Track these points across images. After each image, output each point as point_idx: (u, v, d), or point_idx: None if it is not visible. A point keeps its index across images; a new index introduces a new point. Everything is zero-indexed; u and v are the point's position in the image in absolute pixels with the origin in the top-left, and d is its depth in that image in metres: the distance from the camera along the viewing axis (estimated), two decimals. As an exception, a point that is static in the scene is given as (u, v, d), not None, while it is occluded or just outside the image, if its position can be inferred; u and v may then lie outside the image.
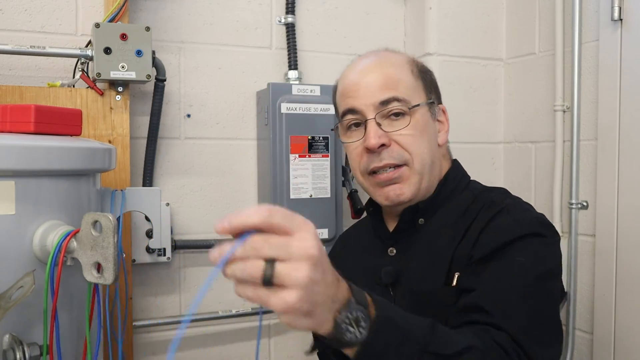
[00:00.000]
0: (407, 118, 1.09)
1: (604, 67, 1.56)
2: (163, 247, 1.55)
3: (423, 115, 1.11)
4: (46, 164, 0.91)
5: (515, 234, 0.99)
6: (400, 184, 1.10)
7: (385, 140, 1.08)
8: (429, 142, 1.12)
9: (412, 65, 1.14)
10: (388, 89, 1.09)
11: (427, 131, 1.12)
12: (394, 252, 1.15)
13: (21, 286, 0.84)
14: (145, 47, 1.40)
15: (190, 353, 1.66)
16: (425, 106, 1.12)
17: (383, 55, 1.17)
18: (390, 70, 1.12)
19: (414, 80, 1.13)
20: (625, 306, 1.52)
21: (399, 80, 1.11)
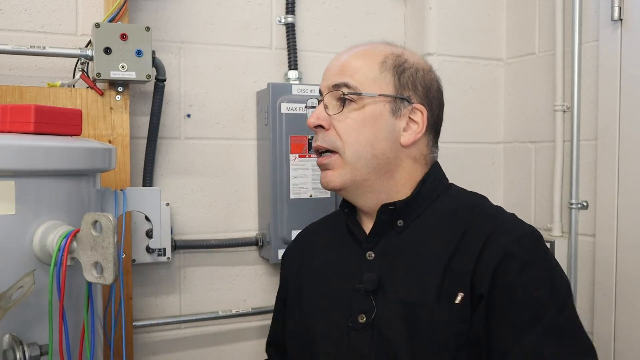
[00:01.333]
0: (352, 106, 1.08)
1: (604, 67, 1.56)
2: (163, 247, 1.55)
3: (377, 108, 1.07)
4: (46, 164, 0.91)
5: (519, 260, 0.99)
6: (330, 170, 1.10)
7: (324, 122, 1.09)
8: (375, 136, 1.07)
9: (387, 59, 1.10)
10: (343, 75, 1.10)
11: (376, 125, 1.07)
12: (372, 256, 1.09)
13: (21, 286, 0.84)
14: (145, 47, 1.40)
15: (190, 353, 1.66)
16: (384, 99, 1.08)
17: (363, 46, 1.16)
18: (355, 58, 1.11)
19: (379, 72, 1.09)
20: (625, 306, 1.52)
21: (357, 68, 1.09)
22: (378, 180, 1.09)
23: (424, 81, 1.12)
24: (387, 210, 1.09)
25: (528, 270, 0.98)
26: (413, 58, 1.13)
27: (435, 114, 1.14)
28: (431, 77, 1.14)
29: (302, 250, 1.27)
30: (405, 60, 1.11)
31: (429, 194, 1.11)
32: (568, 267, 1.67)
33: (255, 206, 1.71)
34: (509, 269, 0.97)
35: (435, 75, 1.16)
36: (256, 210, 1.71)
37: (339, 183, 1.09)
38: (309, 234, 1.32)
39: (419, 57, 1.16)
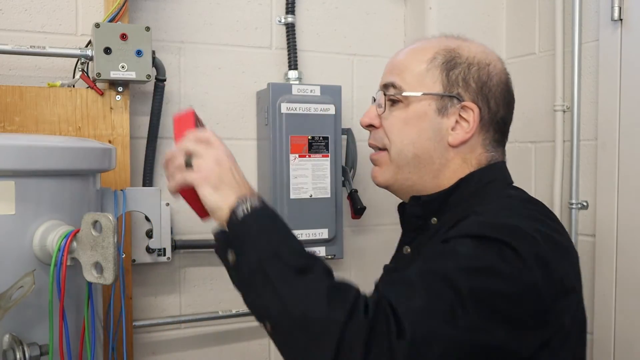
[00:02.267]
0: (399, 105, 1.07)
1: (604, 67, 1.56)
2: (163, 247, 1.55)
3: (421, 107, 1.05)
4: (46, 164, 0.91)
5: (462, 232, 0.89)
6: (378, 167, 1.10)
7: (375, 121, 1.09)
8: (418, 135, 1.05)
9: (437, 54, 1.06)
10: (392, 74, 1.09)
11: (420, 124, 1.05)
12: (408, 251, 1.10)
13: (21, 286, 0.84)
14: (145, 47, 1.40)
15: (190, 353, 1.66)
16: (429, 98, 1.04)
17: (419, 41, 1.13)
18: (405, 56, 1.10)
19: (427, 69, 1.05)
20: (625, 306, 1.52)
21: (405, 67, 1.08)
22: (420, 180, 1.07)
23: (478, 77, 1.05)
24: (416, 203, 1.08)
25: (463, 240, 0.87)
26: (469, 52, 1.06)
27: (494, 111, 1.06)
28: (489, 72, 1.05)
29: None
30: (457, 55, 1.05)
31: (470, 195, 1.04)
32: (568, 267, 1.67)
33: (255, 206, 1.71)
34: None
35: (497, 68, 1.07)
36: (256, 210, 1.71)
37: (382, 180, 1.10)
38: None
39: (477, 51, 1.07)
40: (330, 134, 1.63)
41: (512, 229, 0.88)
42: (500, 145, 1.09)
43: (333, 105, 1.63)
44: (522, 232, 0.88)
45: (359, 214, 1.70)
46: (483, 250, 0.85)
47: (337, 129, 1.65)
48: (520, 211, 0.97)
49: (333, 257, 1.67)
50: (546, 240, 0.89)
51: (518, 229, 0.88)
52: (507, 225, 0.89)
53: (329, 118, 1.62)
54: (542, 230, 0.91)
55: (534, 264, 0.84)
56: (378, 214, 1.85)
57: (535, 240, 0.87)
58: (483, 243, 0.85)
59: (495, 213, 0.95)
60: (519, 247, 0.84)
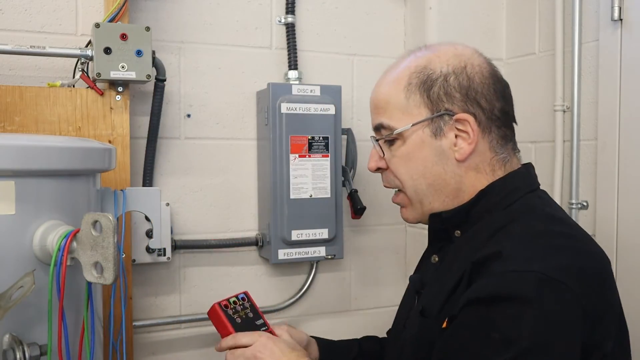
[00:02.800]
0: (397, 143, 1.04)
1: (604, 67, 1.56)
2: (163, 247, 1.55)
3: (416, 137, 1.02)
4: (46, 164, 0.91)
5: (487, 292, 0.85)
6: (404, 208, 1.10)
7: (382, 164, 1.08)
8: (423, 166, 1.02)
9: (411, 79, 1.02)
10: (378, 114, 1.07)
11: (422, 154, 1.02)
12: (436, 260, 1.08)
13: (21, 286, 0.84)
14: (145, 47, 1.40)
15: (190, 353, 1.66)
16: (420, 126, 1.01)
17: (391, 70, 1.08)
18: (384, 90, 1.06)
19: (406, 99, 1.02)
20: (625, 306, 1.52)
21: (387, 103, 1.05)
22: (443, 203, 1.04)
23: (459, 85, 1.01)
24: (435, 220, 1.06)
25: (492, 305, 0.85)
26: (440, 63, 1.02)
27: (490, 109, 1.02)
28: (467, 75, 1.02)
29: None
30: (431, 72, 1.02)
31: (492, 206, 1.01)
32: (568, 267, 1.67)
33: (255, 206, 1.71)
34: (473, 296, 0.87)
35: (474, 66, 1.03)
36: (256, 210, 1.71)
37: (413, 219, 1.10)
38: None
39: (448, 57, 1.03)
40: (330, 134, 1.63)
41: (541, 280, 0.84)
42: (509, 141, 1.05)
43: (333, 105, 1.63)
44: (552, 279, 0.84)
45: (359, 214, 1.70)
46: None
47: (337, 129, 1.65)
48: (544, 242, 0.92)
49: (333, 257, 1.67)
50: (573, 276, 0.86)
51: (549, 275, 0.84)
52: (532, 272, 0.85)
53: (329, 118, 1.62)
54: (569, 265, 0.87)
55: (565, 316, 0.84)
56: (378, 214, 1.85)
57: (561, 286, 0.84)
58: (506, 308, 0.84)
59: (518, 255, 0.89)
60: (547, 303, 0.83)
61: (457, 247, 1.02)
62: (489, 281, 0.87)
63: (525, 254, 0.88)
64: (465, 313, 0.88)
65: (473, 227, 1.01)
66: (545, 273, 0.84)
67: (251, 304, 1.18)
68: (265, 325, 1.16)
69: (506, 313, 0.83)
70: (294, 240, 1.61)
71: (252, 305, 1.18)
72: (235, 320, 1.13)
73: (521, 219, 0.97)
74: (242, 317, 1.15)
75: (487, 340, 0.83)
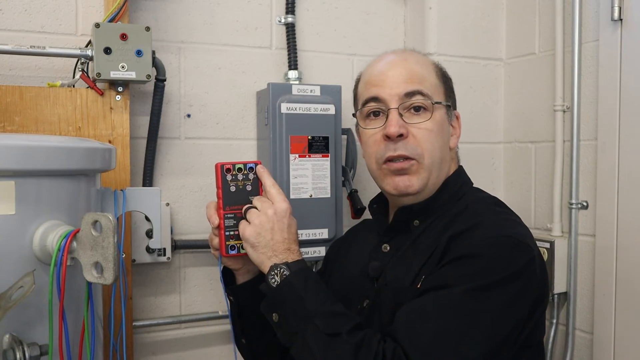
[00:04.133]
0: (428, 114, 1.15)
1: (604, 67, 1.56)
2: (163, 247, 1.55)
3: (442, 115, 1.17)
4: (46, 164, 0.91)
5: (466, 251, 1.01)
6: (410, 175, 1.14)
7: (404, 130, 1.13)
8: (442, 141, 1.17)
9: (436, 68, 1.21)
10: (414, 83, 1.15)
11: (443, 131, 1.17)
12: (387, 249, 1.18)
13: (21, 286, 0.84)
14: (145, 47, 1.40)
15: (190, 353, 1.66)
16: (444, 107, 1.18)
17: (410, 54, 1.24)
18: (417, 67, 1.18)
19: (437, 81, 1.19)
20: (625, 306, 1.52)
21: (424, 76, 1.17)
22: (434, 180, 1.17)
23: (452, 87, 1.25)
24: (403, 212, 1.17)
25: (464, 260, 1.01)
26: (443, 67, 1.26)
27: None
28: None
29: (344, 241, 1.41)
30: (443, 69, 1.24)
31: (449, 197, 1.17)
32: (568, 267, 1.67)
33: (255, 206, 1.71)
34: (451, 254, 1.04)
35: None
36: (256, 210, 1.71)
37: (417, 187, 1.15)
38: (357, 227, 1.43)
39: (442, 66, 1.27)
40: (330, 134, 1.63)
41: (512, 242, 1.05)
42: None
43: (333, 105, 1.63)
44: (520, 241, 1.05)
45: (359, 214, 1.70)
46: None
47: (337, 129, 1.65)
48: (505, 215, 1.14)
49: (333, 257, 1.67)
50: (532, 242, 1.08)
51: (517, 237, 1.06)
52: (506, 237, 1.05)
53: (329, 118, 1.62)
54: (527, 234, 1.09)
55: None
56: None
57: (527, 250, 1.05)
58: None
59: (493, 222, 1.09)
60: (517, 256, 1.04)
61: (416, 235, 1.14)
62: (471, 242, 1.02)
63: (497, 225, 1.07)
64: (447, 266, 1.02)
65: (432, 216, 1.14)
66: (516, 238, 1.04)
67: (255, 177, 1.15)
68: None
69: (483, 265, 0.99)
70: (294, 240, 1.61)
71: (255, 178, 1.15)
72: (229, 187, 1.12)
73: (478, 205, 1.14)
74: (238, 186, 1.12)
75: (463, 278, 0.98)
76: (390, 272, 1.13)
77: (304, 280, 1.03)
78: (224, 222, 1.15)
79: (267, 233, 1.07)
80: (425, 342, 0.93)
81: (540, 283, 1.05)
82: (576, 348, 1.67)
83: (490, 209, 1.14)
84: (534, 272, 1.03)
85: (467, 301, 0.96)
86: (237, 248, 1.14)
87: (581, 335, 1.66)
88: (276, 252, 1.07)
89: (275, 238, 1.08)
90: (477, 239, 1.03)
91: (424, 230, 1.14)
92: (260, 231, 1.08)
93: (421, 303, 0.98)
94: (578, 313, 1.67)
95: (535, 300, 1.04)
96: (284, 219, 1.09)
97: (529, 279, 1.02)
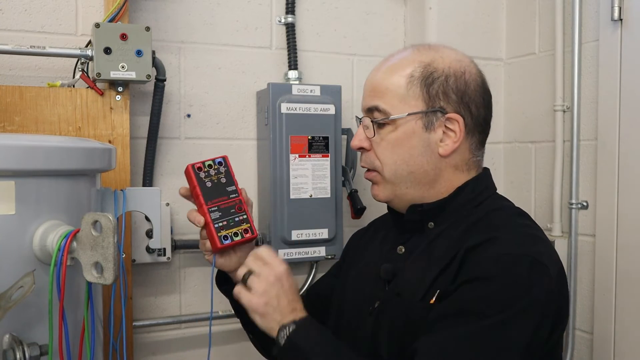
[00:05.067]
0: (390, 127, 1.10)
1: (604, 67, 1.56)
2: (163, 247, 1.55)
3: (409, 126, 1.09)
4: (46, 164, 0.91)
5: (480, 273, 0.97)
6: (376, 185, 1.16)
7: (365, 144, 1.14)
8: (409, 154, 1.09)
9: (414, 72, 1.09)
10: (373, 97, 1.12)
11: (410, 143, 1.09)
12: (402, 251, 1.14)
13: (21, 286, 0.84)
14: (145, 47, 1.40)
15: (190, 353, 1.66)
16: (415, 117, 1.08)
17: (392, 58, 1.15)
18: (384, 77, 1.12)
19: (407, 89, 1.09)
20: (625, 306, 1.52)
21: (386, 88, 1.11)
22: (418, 192, 1.12)
23: (457, 87, 1.09)
24: (415, 211, 1.13)
25: (479, 283, 0.96)
26: (443, 64, 1.10)
27: (476, 115, 1.12)
28: (466, 80, 1.10)
29: (366, 232, 1.36)
30: (434, 70, 1.09)
31: (467, 202, 1.11)
32: (568, 267, 1.67)
33: (255, 206, 1.71)
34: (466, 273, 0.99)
35: (472, 74, 1.12)
36: (256, 210, 1.71)
37: (383, 197, 1.15)
38: (379, 220, 1.38)
39: (451, 60, 1.11)
40: (330, 134, 1.63)
41: (523, 258, 0.99)
42: (483, 145, 1.17)
43: (333, 105, 1.63)
44: (539, 259, 0.99)
45: (359, 214, 1.70)
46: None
47: (337, 129, 1.65)
48: (524, 229, 1.07)
49: (333, 257, 1.67)
50: (551, 262, 1.02)
51: (537, 255, 1.00)
52: (521, 254, 0.99)
53: (329, 118, 1.62)
54: (547, 252, 1.03)
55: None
56: (378, 214, 1.84)
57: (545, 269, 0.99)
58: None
59: (510, 237, 1.03)
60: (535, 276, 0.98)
61: (431, 239, 1.10)
62: (487, 263, 0.97)
63: (514, 240, 1.01)
64: (464, 289, 0.97)
65: (447, 221, 1.10)
66: (534, 257, 0.98)
67: (227, 169, 1.17)
68: (237, 192, 1.17)
69: (500, 291, 0.95)
70: (294, 240, 1.61)
71: (227, 170, 1.17)
72: (205, 184, 1.15)
73: (496, 215, 1.09)
74: (213, 181, 1.15)
75: (481, 305, 0.95)
76: (402, 278, 1.10)
77: (306, 337, 1.05)
78: (210, 216, 1.15)
79: (274, 300, 1.07)
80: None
81: (560, 302, 1.01)
82: (576, 348, 1.67)
83: (510, 220, 1.09)
84: (553, 294, 0.98)
85: (487, 337, 0.93)
86: (230, 237, 1.15)
87: (581, 335, 1.66)
88: (284, 315, 1.07)
89: (281, 304, 1.08)
90: (492, 257, 0.98)
91: (439, 235, 1.10)
92: (267, 300, 1.07)
93: (439, 339, 0.95)
94: (578, 313, 1.67)
95: (555, 322, 1.00)
96: (285, 283, 1.09)
97: (548, 304, 0.97)
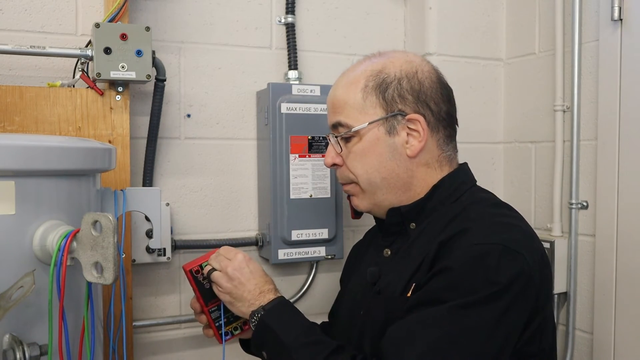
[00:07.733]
0: (353, 140, 1.15)
1: (604, 67, 1.56)
2: (163, 247, 1.55)
3: (372, 135, 1.13)
4: (46, 164, 0.91)
5: (450, 262, 0.98)
6: (355, 197, 1.20)
7: (337, 160, 1.18)
8: (378, 161, 1.13)
9: (368, 81, 1.13)
10: (335, 113, 1.17)
11: (376, 150, 1.13)
12: (388, 253, 1.18)
13: (21, 286, 0.84)
14: (145, 47, 1.40)
15: (190, 353, 1.66)
16: (376, 125, 1.12)
17: (347, 73, 1.20)
18: (341, 91, 1.17)
19: (363, 100, 1.13)
20: (625, 306, 1.52)
21: (345, 102, 1.15)
22: (396, 196, 1.15)
23: (411, 88, 1.13)
24: (394, 214, 1.16)
25: (448, 272, 0.98)
26: (394, 68, 1.14)
27: (437, 111, 1.14)
28: (419, 79, 1.14)
29: (362, 245, 1.40)
30: (386, 76, 1.13)
31: (444, 198, 1.14)
32: (568, 267, 1.67)
33: (255, 206, 1.71)
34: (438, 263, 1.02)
35: (424, 72, 1.15)
36: (256, 210, 1.71)
37: (363, 207, 1.20)
38: (370, 231, 1.42)
39: (402, 63, 1.15)
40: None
41: (501, 249, 0.99)
42: (452, 140, 1.19)
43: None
44: (511, 247, 0.99)
45: (358, 215, 1.69)
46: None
47: (337, 129, 1.65)
48: (499, 222, 1.07)
49: (333, 257, 1.67)
50: (526, 249, 1.01)
51: (509, 243, 1.00)
52: (492, 245, 1.00)
53: (329, 118, 1.62)
54: (521, 239, 1.03)
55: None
56: (378, 214, 1.85)
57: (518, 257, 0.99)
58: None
59: (481, 227, 1.04)
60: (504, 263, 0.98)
61: (412, 239, 1.13)
62: (457, 253, 0.99)
63: (486, 231, 1.02)
64: (435, 278, 0.99)
65: (427, 219, 1.12)
66: (505, 245, 0.98)
67: None
68: None
69: (468, 278, 0.96)
70: (294, 240, 1.61)
71: None
72: (203, 286, 1.24)
73: (472, 208, 1.10)
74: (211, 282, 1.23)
75: (448, 292, 0.96)
76: (385, 279, 1.13)
77: (278, 319, 1.10)
78: (211, 317, 1.25)
79: (238, 290, 1.15)
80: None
81: (538, 290, 1.00)
82: (576, 348, 1.67)
83: (485, 211, 1.10)
84: (528, 280, 0.98)
85: (452, 320, 0.94)
86: (231, 332, 1.26)
87: (581, 335, 1.66)
88: (252, 300, 1.14)
89: (247, 290, 1.15)
90: (464, 247, 0.99)
91: (421, 234, 1.12)
92: (231, 290, 1.15)
93: (407, 323, 0.97)
94: (578, 313, 1.67)
95: (532, 310, 1.00)
96: (245, 270, 1.16)
97: (521, 291, 0.97)
